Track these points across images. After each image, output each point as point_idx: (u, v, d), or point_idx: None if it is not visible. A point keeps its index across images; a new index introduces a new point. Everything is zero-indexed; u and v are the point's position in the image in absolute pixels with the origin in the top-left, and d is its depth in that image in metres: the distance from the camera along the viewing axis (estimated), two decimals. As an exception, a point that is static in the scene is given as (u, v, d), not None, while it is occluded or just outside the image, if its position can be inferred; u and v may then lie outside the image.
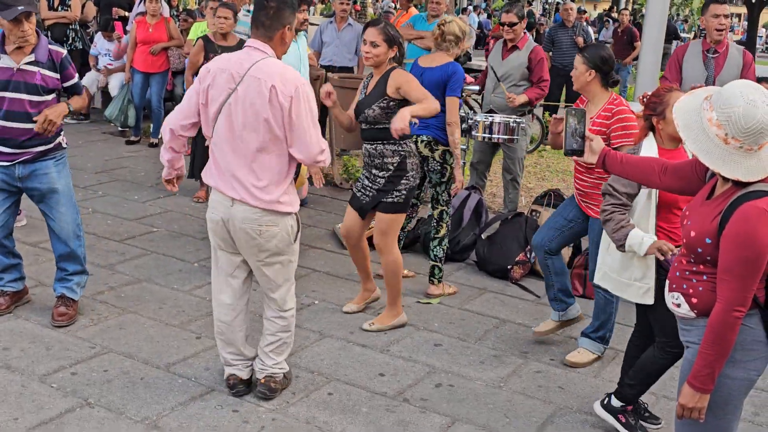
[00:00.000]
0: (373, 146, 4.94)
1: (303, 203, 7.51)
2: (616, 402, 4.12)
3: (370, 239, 5.40)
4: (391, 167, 4.93)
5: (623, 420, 4.09)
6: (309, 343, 4.86)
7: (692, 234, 2.90)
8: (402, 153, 4.93)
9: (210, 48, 7.03)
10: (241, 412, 4.03)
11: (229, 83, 3.81)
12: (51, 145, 4.71)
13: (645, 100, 4.08)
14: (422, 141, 5.60)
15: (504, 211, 7.21)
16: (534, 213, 6.59)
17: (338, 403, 4.21)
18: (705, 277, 2.91)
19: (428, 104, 4.75)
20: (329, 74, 8.00)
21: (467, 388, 4.47)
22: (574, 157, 3.41)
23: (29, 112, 4.60)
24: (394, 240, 5.05)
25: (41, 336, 4.67)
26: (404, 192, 4.95)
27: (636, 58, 10.68)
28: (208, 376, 4.32)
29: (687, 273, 2.97)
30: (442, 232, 5.77)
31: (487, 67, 7.30)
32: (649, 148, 3.95)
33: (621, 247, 3.85)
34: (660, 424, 4.18)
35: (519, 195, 7.48)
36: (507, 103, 6.85)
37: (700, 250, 2.88)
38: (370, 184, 5.00)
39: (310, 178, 7.55)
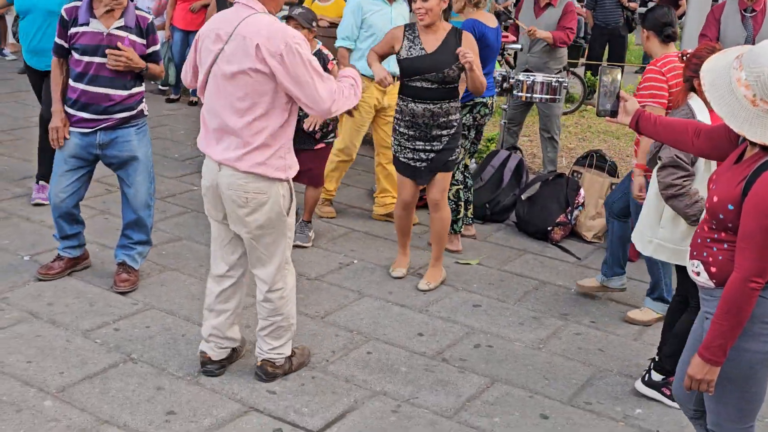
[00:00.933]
0: (438, 105, 4.88)
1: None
2: (656, 376, 4.07)
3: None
4: (455, 124, 4.97)
5: (668, 393, 4.01)
6: (348, 302, 4.88)
7: (715, 199, 2.78)
8: (459, 109, 5.04)
9: (222, 5, 6.81)
10: (281, 370, 4.07)
11: (216, 44, 3.64)
12: (134, 112, 4.66)
13: (685, 59, 3.99)
14: None
15: (543, 171, 7.15)
16: (575, 174, 6.51)
17: (377, 362, 4.22)
18: (726, 246, 2.78)
19: (483, 79, 4.82)
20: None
21: (506, 349, 4.46)
22: (607, 118, 3.32)
23: (118, 78, 4.56)
24: (446, 195, 5.17)
25: (84, 292, 4.73)
26: (459, 147, 5.10)
27: (681, 17, 10.44)
28: (248, 333, 4.35)
29: (708, 240, 2.84)
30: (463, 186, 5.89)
31: (517, 26, 7.23)
32: (701, 111, 3.86)
33: (695, 221, 3.74)
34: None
35: (558, 154, 7.41)
36: (528, 36, 6.85)
37: (721, 216, 2.76)
38: (428, 146, 4.95)
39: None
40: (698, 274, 2.88)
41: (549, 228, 6.07)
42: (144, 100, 4.79)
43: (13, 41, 10.88)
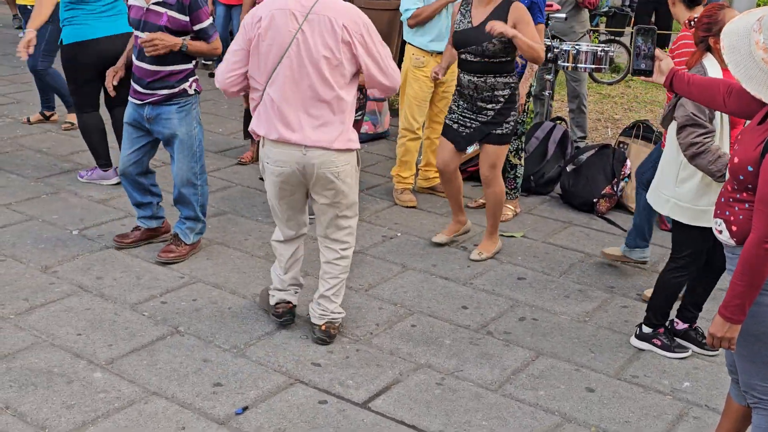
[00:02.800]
0: (483, 79, 4.85)
1: (384, 135, 7.49)
2: (646, 329, 4.20)
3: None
4: (502, 99, 4.88)
5: (658, 343, 4.17)
6: (392, 275, 4.88)
7: (736, 160, 2.79)
8: (512, 85, 4.90)
9: None
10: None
11: (292, 23, 3.66)
12: (175, 90, 4.65)
13: (693, 23, 3.96)
14: None
15: (575, 138, 7.07)
16: (622, 145, 6.41)
17: (421, 335, 4.22)
18: (747, 206, 2.79)
19: (536, 46, 4.71)
20: None
21: (551, 321, 4.44)
22: (642, 77, 3.32)
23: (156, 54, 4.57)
24: (500, 171, 5.06)
25: (132, 266, 4.79)
26: (512, 123, 4.97)
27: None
28: (305, 305, 4.37)
29: (730, 200, 2.86)
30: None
31: None
32: (713, 68, 3.81)
33: (721, 177, 3.72)
34: (717, 352, 4.11)
35: (587, 119, 7.36)
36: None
37: (741, 177, 2.77)
38: (474, 116, 4.92)
39: (392, 110, 7.53)
40: (720, 232, 2.91)
41: (595, 200, 5.99)
42: (191, 79, 4.73)
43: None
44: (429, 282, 4.82)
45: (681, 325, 4.26)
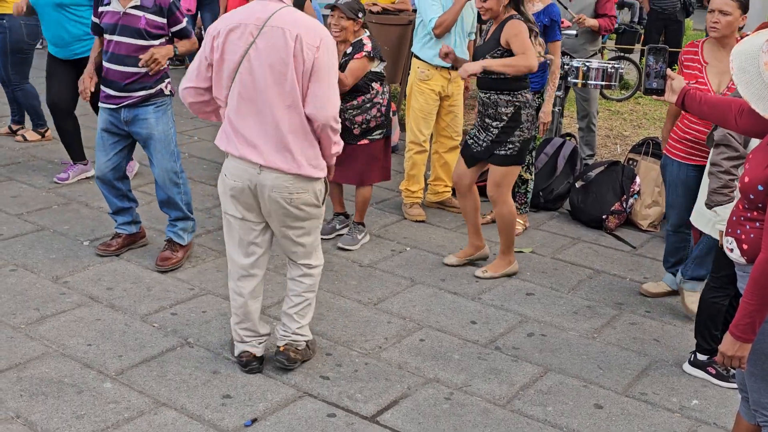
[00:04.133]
0: (487, 95, 4.89)
1: (394, 149, 7.51)
2: (701, 356, 4.12)
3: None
4: (505, 117, 4.87)
5: (713, 372, 4.09)
6: (400, 289, 4.89)
7: (746, 179, 2.81)
8: (516, 104, 4.86)
9: None
10: (334, 356, 4.10)
11: (245, 38, 3.51)
12: (152, 91, 4.76)
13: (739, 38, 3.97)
14: None
15: (583, 156, 7.08)
16: (631, 162, 6.43)
17: (430, 350, 4.23)
18: (758, 225, 2.82)
19: (515, 61, 4.66)
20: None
21: (560, 338, 4.44)
22: (654, 96, 3.34)
23: (133, 56, 4.68)
24: (507, 191, 5.01)
25: (142, 277, 4.81)
26: (518, 144, 4.89)
27: None
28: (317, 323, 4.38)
29: (742, 219, 2.88)
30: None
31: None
32: None
33: (709, 207, 3.80)
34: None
35: (596, 137, 7.37)
36: (577, 24, 6.81)
37: (752, 196, 2.79)
38: (484, 133, 4.95)
39: (402, 124, 7.55)
40: (732, 250, 2.94)
41: (604, 216, 6.00)
42: (166, 80, 4.84)
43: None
44: (438, 297, 4.83)
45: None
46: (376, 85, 5.30)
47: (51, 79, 6.13)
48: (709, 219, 4.07)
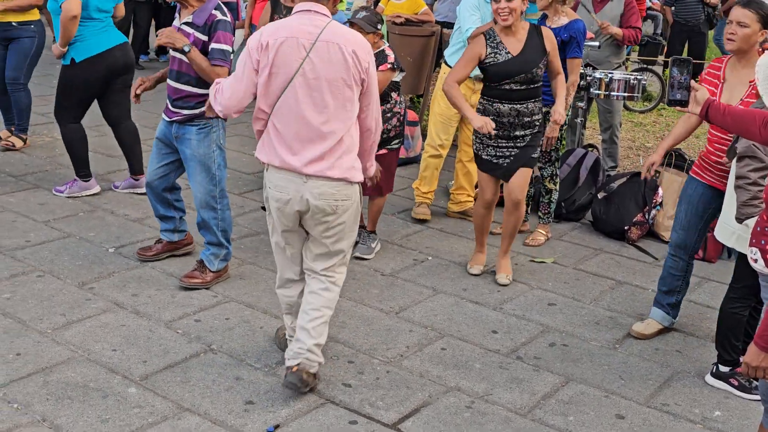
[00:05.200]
0: (524, 105, 4.95)
1: (416, 159, 7.54)
2: (723, 368, 4.11)
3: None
4: (537, 123, 5.03)
5: (735, 383, 4.07)
6: (422, 298, 4.91)
7: None
8: (544, 110, 5.11)
9: (277, 9, 6.39)
10: (356, 363, 4.12)
11: (298, 52, 3.56)
12: (194, 112, 4.69)
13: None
14: None
15: (606, 168, 7.07)
16: (654, 173, 6.41)
17: (451, 358, 4.24)
18: None
19: (565, 89, 5.11)
20: (443, 30, 7.88)
21: (581, 348, 4.44)
22: (678, 107, 3.33)
23: (181, 72, 4.68)
24: None
25: (167, 284, 4.86)
26: (541, 145, 5.16)
27: None
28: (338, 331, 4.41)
29: (766, 229, 2.90)
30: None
31: None
32: None
33: (740, 221, 3.75)
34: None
35: (618, 149, 7.36)
36: (600, 30, 6.81)
37: None
38: (512, 145, 5.00)
39: (424, 135, 7.58)
40: (756, 261, 2.97)
41: (626, 227, 6.00)
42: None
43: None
44: (459, 306, 4.84)
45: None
46: (394, 95, 5.35)
47: None
48: (732, 231, 4.04)
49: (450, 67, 5.95)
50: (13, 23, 6.82)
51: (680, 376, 4.22)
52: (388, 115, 5.31)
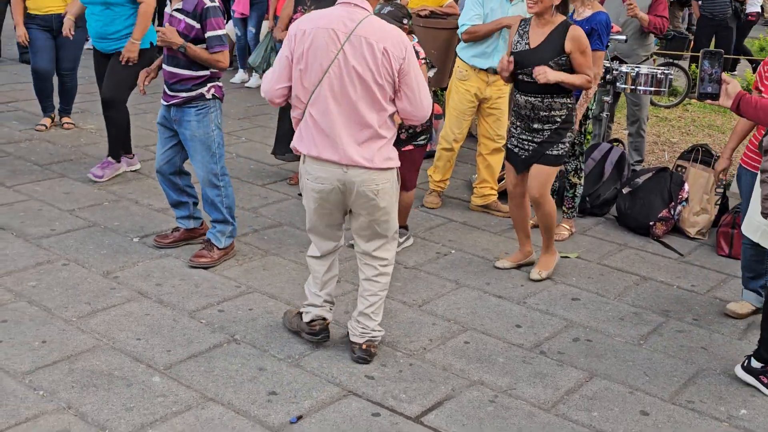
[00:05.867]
0: (539, 99, 4.86)
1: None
2: (755, 363, 4.04)
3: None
4: (558, 119, 4.89)
5: (765, 381, 4.01)
6: (446, 291, 4.90)
7: None
8: (570, 105, 4.91)
9: (301, 1, 6.35)
10: (379, 356, 4.11)
11: (333, 43, 3.66)
12: (193, 94, 4.82)
13: None
14: None
15: (632, 162, 7.02)
16: (679, 168, 6.37)
17: (474, 352, 4.23)
18: None
19: (582, 82, 4.81)
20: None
21: (606, 343, 4.41)
22: (708, 101, 3.30)
23: (176, 57, 4.80)
24: (549, 191, 5.05)
25: (190, 274, 4.88)
26: (567, 144, 4.97)
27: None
28: (348, 318, 4.41)
29: None
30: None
31: None
32: None
33: (765, 215, 3.71)
34: None
35: (645, 143, 7.33)
36: (627, 10, 6.81)
37: None
38: (530, 137, 4.94)
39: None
40: None
41: (651, 223, 5.95)
42: (209, 84, 4.86)
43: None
44: (483, 300, 4.82)
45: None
46: None
47: (98, 74, 6.48)
48: (757, 227, 4.01)
49: (462, 60, 5.97)
50: (62, 15, 6.95)
51: (705, 373, 4.18)
52: None
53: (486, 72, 5.92)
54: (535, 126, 4.91)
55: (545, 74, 4.71)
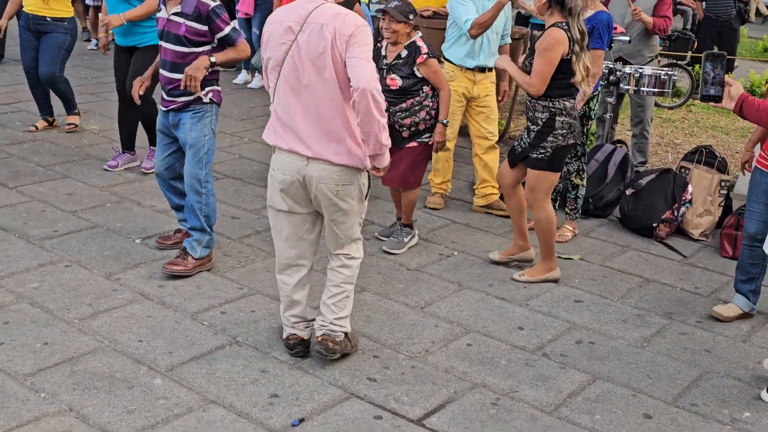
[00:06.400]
0: (528, 98, 4.95)
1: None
2: None
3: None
4: (540, 122, 4.88)
5: None
6: (448, 293, 4.89)
7: None
8: (552, 110, 4.84)
9: None
10: (381, 358, 4.11)
11: (287, 35, 3.67)
12: (191, 98, 4.76)
13: None
14: None
15: (635, 163, 7.01)
16: (683, 170, 6.35)
17: (477, 355, 4.22)
18: None
19: (522, 79, 4.83)
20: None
21: (608, 346, 4.40)
22: (711, 103, 3.29)
23: (175, 62, 4.72)
24: (544, 197, 4.96)
25: (192, 276, 4.86)
26: (549, 150, 4.87)
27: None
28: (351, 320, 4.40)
29: None
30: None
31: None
32: None
33: None
34: None
35: (648, 144, 7.31)
36: (632, 15, 6.80)
37: None
38: (526, 136, 4.98)
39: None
40: None
41: (654, 224, 5.93)
42: (207, 88, 4.78)
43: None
44: (485, 302, 4.81)
45: None
46: (426, 89, 5.30)
47: (118, 68, 6.46)
48: None
49: (449, 61, 5.97)
50: (48, 18, 7.01)
51: (709, 376, 4.16)
52: (416, 108, 5.28)
53: (473, 71, 5.96)
54: (529, 125, 4.97)
55: (499, 62, 5.02)
